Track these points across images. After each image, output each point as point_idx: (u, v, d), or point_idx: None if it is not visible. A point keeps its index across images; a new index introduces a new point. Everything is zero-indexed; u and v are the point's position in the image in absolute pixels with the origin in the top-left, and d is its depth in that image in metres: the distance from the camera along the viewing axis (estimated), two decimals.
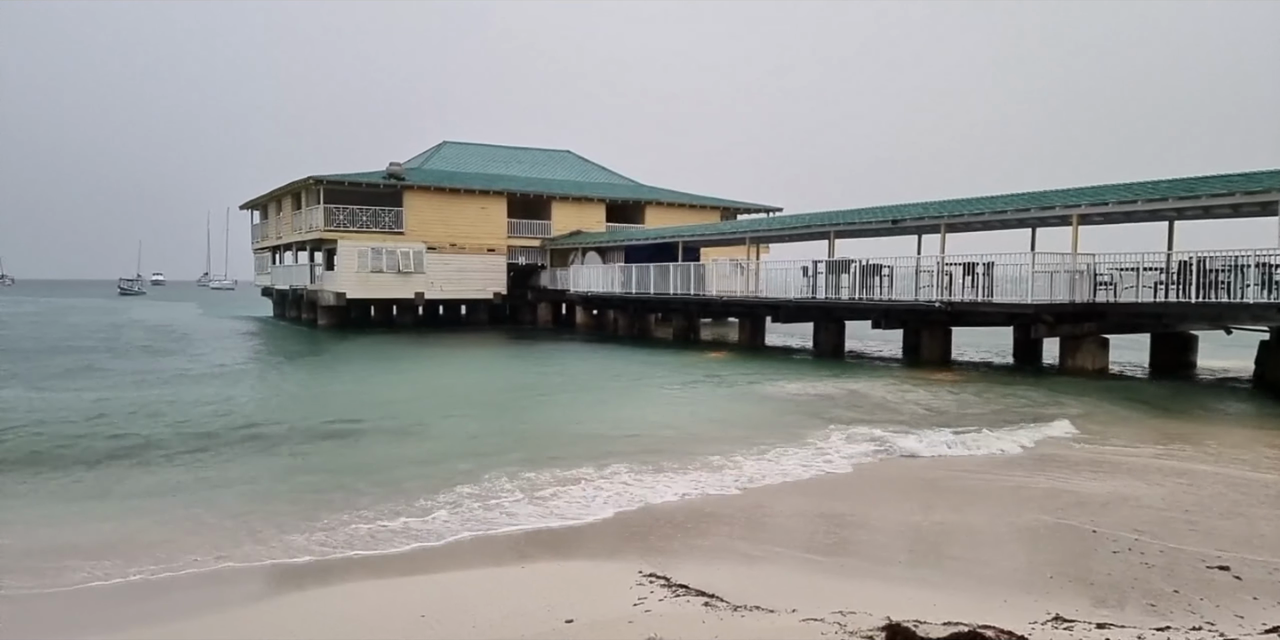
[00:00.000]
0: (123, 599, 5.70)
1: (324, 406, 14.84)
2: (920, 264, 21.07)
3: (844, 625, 4.53)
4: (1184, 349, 19.82)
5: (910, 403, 14.58)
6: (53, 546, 6.70)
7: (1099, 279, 18.04)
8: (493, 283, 37.43)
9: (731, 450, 10.39)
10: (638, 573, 5.89)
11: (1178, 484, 8.66)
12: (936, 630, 4.33)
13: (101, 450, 10.49)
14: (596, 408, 14.74)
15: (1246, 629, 4.71)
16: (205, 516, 7.64)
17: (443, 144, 43.49)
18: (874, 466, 9.82)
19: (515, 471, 9.27)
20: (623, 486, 8.69)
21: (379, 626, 5.02)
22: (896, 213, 22.32)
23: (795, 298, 24.18)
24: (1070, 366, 18.10)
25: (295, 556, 6.50)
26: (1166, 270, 17.25)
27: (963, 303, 19.28)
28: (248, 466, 9.83)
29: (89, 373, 19.05)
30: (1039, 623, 4.68)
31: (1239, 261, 15.36)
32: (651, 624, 4.69)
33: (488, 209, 37.02)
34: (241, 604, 5.61)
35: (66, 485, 8.83)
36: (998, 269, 18.74)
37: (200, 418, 13.08)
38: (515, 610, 5.15)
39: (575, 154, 47.25)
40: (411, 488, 8.60)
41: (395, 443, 11.35)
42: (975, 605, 5.09)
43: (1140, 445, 10.97)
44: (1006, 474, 9.30)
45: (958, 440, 11.04)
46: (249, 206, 47.22)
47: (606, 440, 11.32)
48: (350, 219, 34.62)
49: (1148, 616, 5.00)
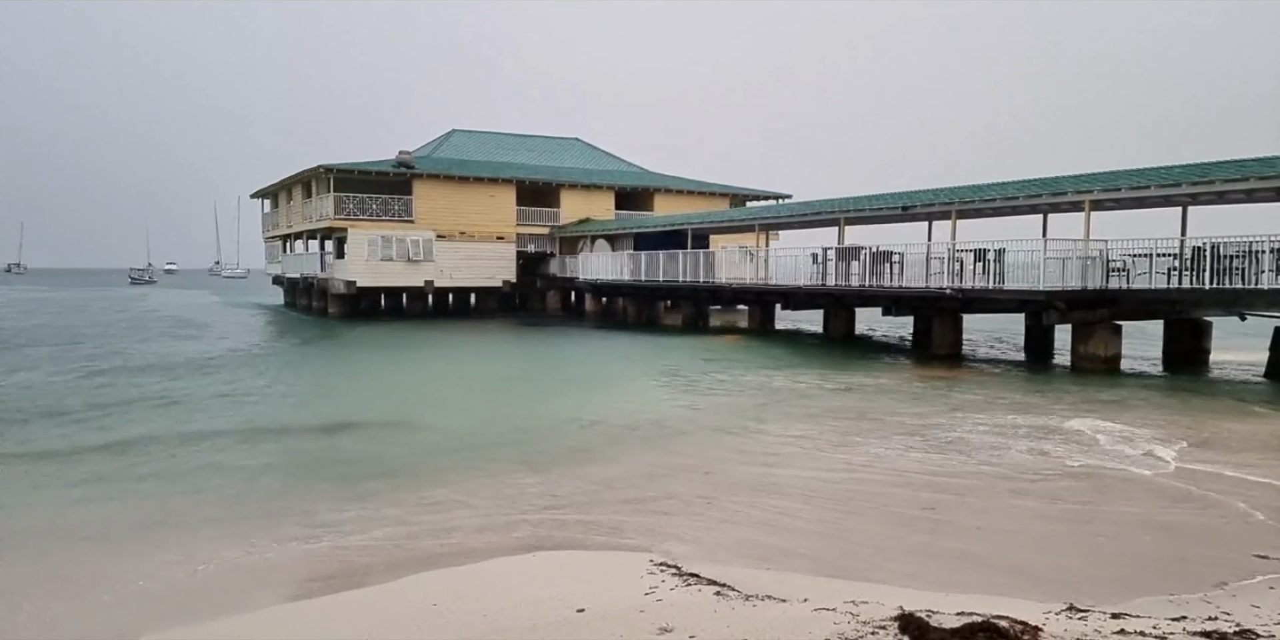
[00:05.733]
0: (134, 585, 5.75)
1: (332, 397, 14.91)
2: (931, 251, 20.93)
3: (856, 614, 4.52)
4: (1198, 335, 19.66)
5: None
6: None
7: (1111, 265, 17.87)
8: (502, 271, 37.42)
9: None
10: (649, 561, 5.90)
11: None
12: (949, 620, 4.31)
13: (100, 439, 10.57)
14: (602, 397, 14.74)
15: (1263, 619, 4.68)
16: (216, 504, 7.71)
17: (452, 132, 43.38)
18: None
19: (524, 461, 9.29)
20: (631, 474, 8.70)
21: (392, 615, 5.04)
22: (907, 199, 22.16)
23: (805, 285, 24.08)
24: (1082, 353, 17.99)
25: (305, 546, 6.54)
26: (1180, 256, 17.06)
27: (974, 289, 19.15)
28: (260, 456, 9.89)
29: (109, 357, 19.17)
30: (1053, 612, 4.66)
31: (1253, 247, 15.19)
32: (663, 613, 4.69)
33: (497, 197, 36.96)
34: (252, 593, 5.64)
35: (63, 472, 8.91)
36: (1009, 255, 18.59)
37: (213, 408, 13.15)
38: (526, 599, 5.16)
39: (584, 141, 47.05)
40: (420, 477, 8.63)
41: (403, 433, 11.39)
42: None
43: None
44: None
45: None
46: (259, 195, 47.32)
47: (616, 430, 11.33)
48: (360, 207, 34.63)
49: (1163, 606, 4.98)
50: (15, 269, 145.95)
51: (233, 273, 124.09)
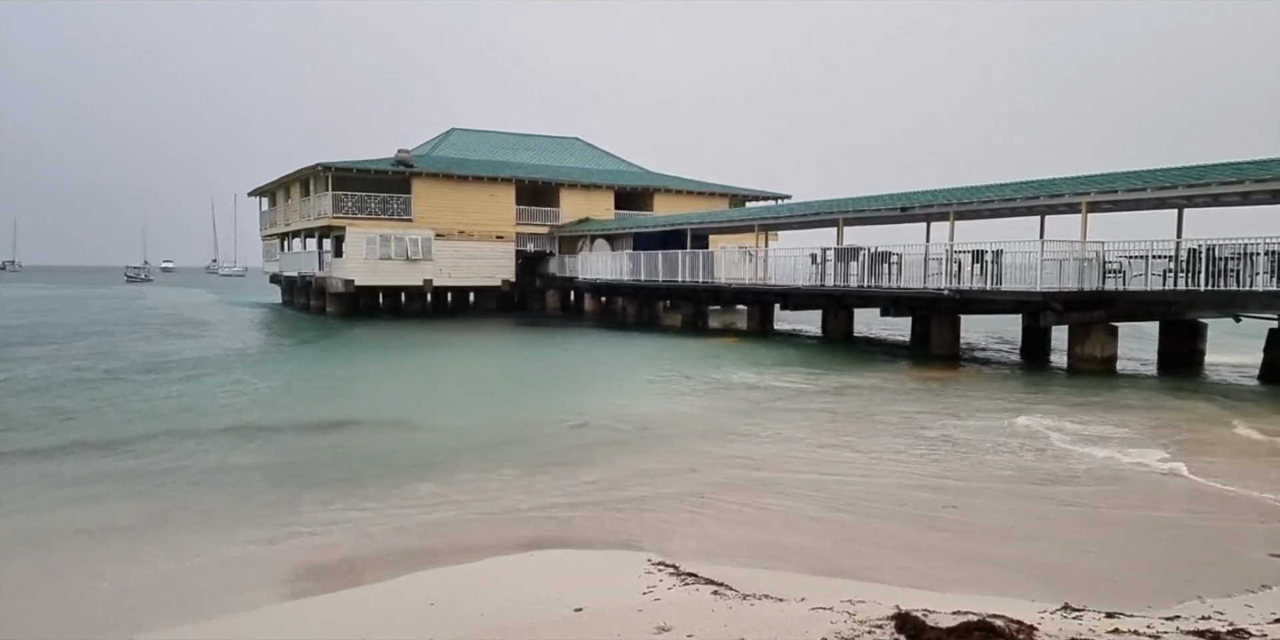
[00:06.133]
0: (125, 582, 5.77)
1: (328, 396, 14.92)
2: (929, 251, 20.99)
3: (853, 614, 4.55)
4: (1193, 337, 19.72)
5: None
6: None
7: (1108, 267, 17.94)
8: (501, 270, 37.43)
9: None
10: (646, 560, 5.92)
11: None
12: (945, 619, 4.34)
13: (94, 437, 10.59)
14: (599, 397, 14.78)
15: (1256, 618, 4.71)
16: (211, 503, 7.72)
17: (451, 131, 43.38)
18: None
19: (520, 461, 9.32)
20: (623, 473, 8.73)
21: (390, 614, 5.06)
22: (905, 200, 22.22)
23: (804, 285, 24.13)
24: (1079, 354, 18.04)
25: (303, 544, 6.57)
26: (1175, 258, 17.14)
27: (972, 290, 19.22)
28: (256, 455, 9.91)
29: (103, 357, 19.17)
30: (1048, 612, 4.69)
31: (1248, 249, 15.25)
32: (661, 612, 4.72)
33: (496, 196, 36.98)
34: (248, 592, 5.65)
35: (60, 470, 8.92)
36: (1007, 256, 18.66)
37: (208, 407, 13.17)
38: (524, 598, 5.18)
39: (584, 141, 47.07)
40: (416, 477, 8.64)
41: (400, 432, 11.41)
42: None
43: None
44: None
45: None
46: (257, 193, 47.28)
47: (612, 430, 11.36)
48: (359, 206, 34.63)
49: (1157, 605, 5.02)
50: (10, 266, 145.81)
51: (230, 271, 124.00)
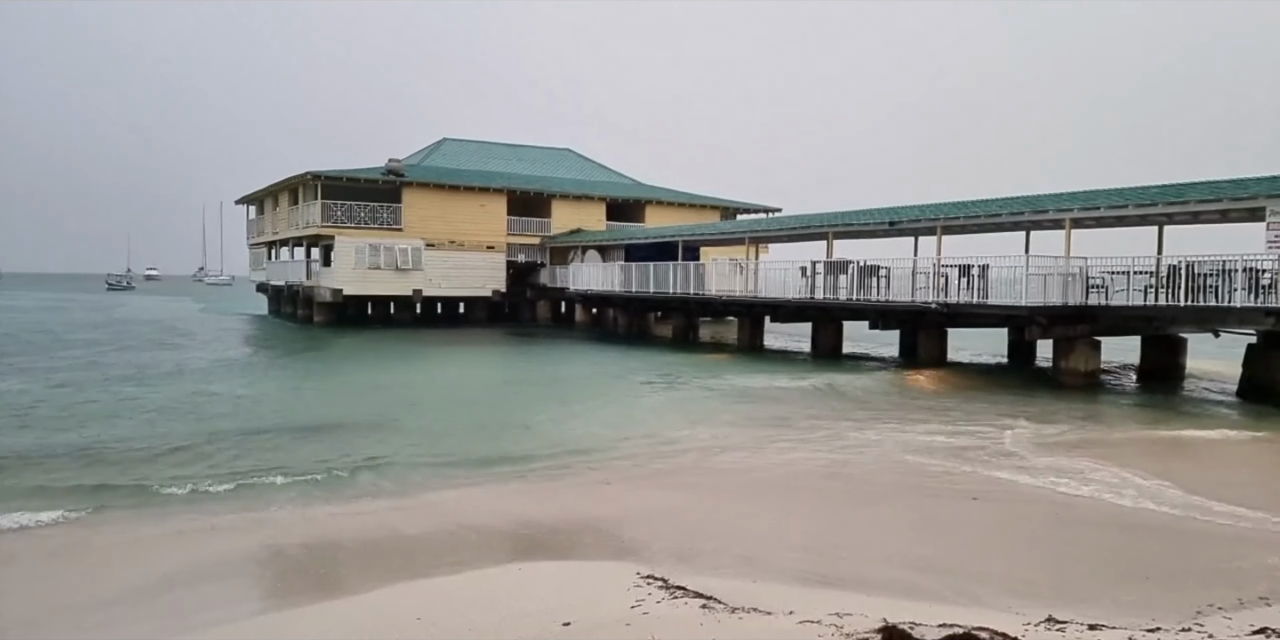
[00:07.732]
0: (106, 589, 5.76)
1: (312, 407, 14.87)
2: (917, 265, 21.16)
3: (840, 626, 4.60)
4: (1173, 351, 19.96)
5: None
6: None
7: (1091, 282, 18.17)
8: (492, 280, 37.42)
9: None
10: (635, 574, 5.94)
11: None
12: (932, 632, 4.40)
13: (66, 447, 10.54)
14: (587, 410, 14.81)
15: (1234, 630, 4.80)
16: (196, 511, 7.71)
17: (443, 141, 43.43)
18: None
19: (505, 473, 9.34)
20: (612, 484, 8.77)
21: (375, 629, 5.03)
22: (893, 214, 22.41)
23: (794, 298, 24.26)
24: (1064, 368, 18.23)
25: (287, 555, 6.57)
26: (1156, 274, 17.42)
27: (958, 304, 19.38)
28: (243, 462, 9.88)
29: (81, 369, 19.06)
30: (1032, 624, 4.76)
31: (1226, 266, 15.50)
32: (650, 626, 4.74)
33: (487, 206, 37.01)
34: (231, 605, 5.64)
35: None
36: (992, 271, 18.84)
37: (197, 417, 13.12)
38: (512, 612, 5.17)
39: (576, 152, 47.21)
40: (402, 488, 8.65)
41: (386, 443, 11.34)
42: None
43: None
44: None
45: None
46: (245, 201, 47.08)
47: (599, 442, 11.40)
48: (348, 215, 34.56)
49: (1139, 617, 5.10)
50: None
51: (217, 279, 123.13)
